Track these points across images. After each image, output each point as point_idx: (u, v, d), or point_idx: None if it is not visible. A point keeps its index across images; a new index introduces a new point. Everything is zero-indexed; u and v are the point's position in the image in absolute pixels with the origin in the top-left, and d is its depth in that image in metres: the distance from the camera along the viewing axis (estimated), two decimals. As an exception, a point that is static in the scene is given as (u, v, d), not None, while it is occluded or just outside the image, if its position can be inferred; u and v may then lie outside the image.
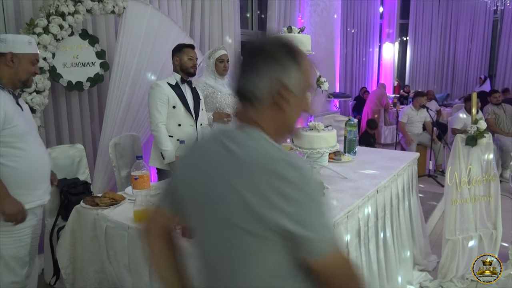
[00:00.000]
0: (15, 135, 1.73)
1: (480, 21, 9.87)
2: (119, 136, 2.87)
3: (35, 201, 1.85)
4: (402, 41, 10.91)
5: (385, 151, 3.19)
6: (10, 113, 1.72)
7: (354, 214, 1.84)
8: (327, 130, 2.22)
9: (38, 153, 1.85)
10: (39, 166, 1.85)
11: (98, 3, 2.78)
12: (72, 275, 1.90)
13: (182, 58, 2.61)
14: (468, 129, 2.62)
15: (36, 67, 1.88)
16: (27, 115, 1.89)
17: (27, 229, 1.85)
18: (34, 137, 1.88)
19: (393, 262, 2.26)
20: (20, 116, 1.78)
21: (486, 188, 2.71)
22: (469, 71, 10.12)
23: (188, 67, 2.63)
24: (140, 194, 1.68)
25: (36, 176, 1.84)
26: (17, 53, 1.78)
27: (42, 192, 1.89)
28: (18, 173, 1.76)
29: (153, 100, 2.54)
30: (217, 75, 3.00)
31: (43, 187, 1.89)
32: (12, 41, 1.77)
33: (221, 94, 3.00)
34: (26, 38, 1.85)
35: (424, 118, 5.53)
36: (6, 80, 1.78)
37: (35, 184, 1.84)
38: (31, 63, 1.83)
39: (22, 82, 1.83)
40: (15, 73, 1.79)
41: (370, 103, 7.52)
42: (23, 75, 1.81)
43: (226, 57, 2.97)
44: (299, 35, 2.18)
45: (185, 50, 2.62)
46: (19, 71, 1.79)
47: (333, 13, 6.81)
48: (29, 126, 1.85)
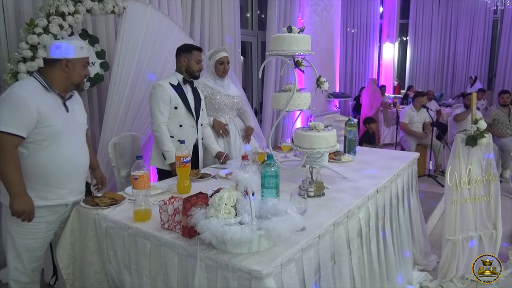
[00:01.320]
0: (47, 133, 1.80)
1: (480, 21, 9.86)
2: (118, 136, 2.87)
3: (56, 199, 1.88)
4: (402, 41, 10.91)
5: (385, 151, 3.19)
6: (46, 113, 1.78)
7: (354, 214, 1.84)
8: (327, 130, 2.22)
9: (69, 154, 1.88)
10: (66, 166, 1.88)
11: (98, 3, 2.78)
12: (72, 275, 1.90)
13: (190, 60, 2.60)
14: (468, 129, 2.63)
15: (87, 70, 1.97)
16: (72, 116, 1.93)
17: (41, 224, 1.88)
18: (72, 138, 1.92)
19: (393, 262, 2.26)
20: (59, 116, 1.84)
21: (486, 188, 2.71)
22: (469, 71, 10.11)
23: (195, 70, 2.62)
24: (140, 194, 1.68)
25: (60, 175, 1.87)
26: (71, 58, 1.86)
27: (67, 192, 1.91)
28: (40, 170, 1.82)
29: (155, 100, 2.53)
30: (216, 76, 3.00)
31: (69, 187, 1.92)
32: (66, 48, 1.87)
33: (220, 95, 3.00)
34: (79, 43, 1.93)
35: (424, 119, 5.53)
36: (58, 84, 1.87)
37: (58, 183, 1.87)
38: (83, 66, 1.92)
39: (75, 85, 1.92)
40: (69, 77, 1.88)
41: (365, 106, 7.53)
42: (77, 78, 1.91)
43: (226, 59, 2.97)
44: (299, 35, 2.17)
45: (195, 52, 2.60)
46: (73, 75, 1.89)
47: (333, 13, 6.81)
48: (69, 127, 1.89)
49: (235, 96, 3.11)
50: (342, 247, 1.70)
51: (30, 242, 1.89)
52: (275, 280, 1.23)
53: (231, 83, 3.16)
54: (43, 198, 1.84)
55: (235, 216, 1.34)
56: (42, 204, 1.84)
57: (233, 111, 3.14)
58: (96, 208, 1.79)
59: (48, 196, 1.86)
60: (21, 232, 1.86)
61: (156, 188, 2.10)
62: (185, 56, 2.60)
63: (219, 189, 1.40)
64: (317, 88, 2.40)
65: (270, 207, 1.44)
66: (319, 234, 1.52)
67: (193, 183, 2.14)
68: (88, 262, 1.81)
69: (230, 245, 1.29)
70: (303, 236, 1.45)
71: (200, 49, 2.67)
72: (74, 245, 1.88)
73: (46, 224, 1.90)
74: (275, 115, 5.27)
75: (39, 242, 1.92)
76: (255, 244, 1.29)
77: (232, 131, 3.09)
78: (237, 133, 3.13)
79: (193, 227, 1.36)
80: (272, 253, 1.32)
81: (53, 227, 1.95)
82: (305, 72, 2.33)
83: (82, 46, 1.92)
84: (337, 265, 1.66)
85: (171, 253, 1.46)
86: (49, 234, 1.95)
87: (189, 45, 2.68)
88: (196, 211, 1.36)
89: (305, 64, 2.30)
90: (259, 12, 5.54)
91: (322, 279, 1.54)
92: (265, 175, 1.70)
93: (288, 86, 2.37)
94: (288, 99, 2.22)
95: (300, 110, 2.31)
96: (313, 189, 1.92)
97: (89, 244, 1.80)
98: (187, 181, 2.04)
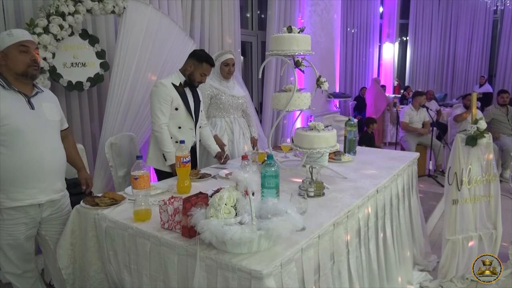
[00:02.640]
0: (6, 133, 1.75)
1: (480, 21, 9.87)
2: (115, 136, 2.87)
3: (25, 199, 1.84)
4: (402, 41, 10.91)
5: (385, 151, 3.19)
6: (3, 112, 1.73)
7: (354, 214, 1.84)
8: (327, 130, 2.22)
9: (35, 152, 1.83)
10: (32, 165, 1.83)
11: (98, 3, 2.78)
12: (72, 275, 1.90)
13: (197, 69, 2.57)
14: (468, 129, 2.62)
15: (31, 54, 1.83)
16: (39, 114, 1.88)
17: (18, 226, 1.87)
18: (39, 136, 1.85)
19: (393, 262, 2.26)
20: (20, 114, 1.79)
21: (486, 188, 2.71)
22: (469, 71, 10.12)
23: (196, 80, 2.60)
24: (140, 194, 1.68)
25: (26, 175, 1.82)
26: (2, 50, 1.79)
27: (37, 192, 1.86)
28: (6, 169, 1.78)
29: (157, 100, 2.51)
30: (221, 77, 3.04)
31: (39, 186, 1.87)
32: None
33: (225, 96, 3.05)
34: (6, 32, 1.84)
35: (424, 118, 5.53)
36: (11, 79, 1.81)
37: (25, 183, 1.83)
38: (19, 52, 1.81)
39: (21, 74, 1.82)
40: (10, 68, 1.80)
41: (370, 107, 7.52)
42: (19, 66, 1.80)
43: (231, 61, 3.02)
44: (299, 35, 2.17)
45: (204, 65, 2.56)
46: (12, 64, 1.79)
47: (333, 13, 6.81)
48: (34, 124, 1.84)
49: (239, 97, 3.16)
50: (342, 247, 1.70)
51: (11, 241, 1.88)
52: (275, 280, 1.23)
53: (236, 84, 3.22)
54: (12, 198, 1.81)
55: (235, 216, 1.34)
56: (12, 205, 1.81)
57: (237, 111, 3.19)
58: (96, 208, 1.79)
59: (17, 197, 1.82)
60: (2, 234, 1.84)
61: (156, 188, 2.10)
62: (194, 63, 2.57)
63: (219, 189, 1.40)
64: (317, 88, 2.40)
65: (270, 207, 1.43)
66: (319, 234, 1.52)
67: (193, 183, 2.14)
68: (88, 262, 1.81)
69: (230, 245, 1.29)
70: (303, 236, 1.45)
71: (212, 64, 2.61)
72: (74, 245, 1.87)
73: (23, 225, 1.88)
74: (275, 115, 5.27)
75: (20, 241, 1.90)
76: (255, 244, 1.29)
77: (236, 130, 3.15)
78: (241, 133, 3.17)
79: (193, 227, 1.36)
80: (272, 253, 1.31)
81: (32, 226, 1.92)
82: (305, 72, 2.33)
83: (10, 33, 1.81)
84: (336, 265, 1.66)
85: (171, 253, 1.46)
86: (29, 232, 1.92)
87: (203, 55, 2.60)
88: (196, 211, 1.36)
89: (305, 64, 2.30)
90: (259, 12, 5.54)
91: (321, 279, 1.54)
92: (265, 175, 1.70)
93: (288, 86, 2.37)
94: (288, 99, 2.22)
95: (300, 110, 2.31)
96: (313, 189, 1.92)
97: (89, 244, 1.80)
98: (187, 181, 2.04)
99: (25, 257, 1.96)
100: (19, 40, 1.81)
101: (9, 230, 1.86)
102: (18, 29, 1.94)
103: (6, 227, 1.85)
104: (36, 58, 1.87)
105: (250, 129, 3.35)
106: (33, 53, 1.85)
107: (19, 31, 1.87)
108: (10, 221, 1.84)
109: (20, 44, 1.81)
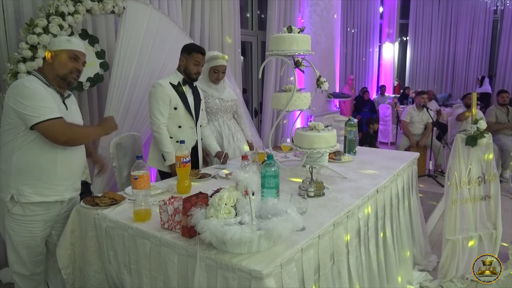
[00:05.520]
0: None
1: (480, 21, 9.87)
2: (120, 136, 2.86)
3: (52, 195, 1.88)
4: (402, 41, 10.91)
5: (385, 151, 3.19)
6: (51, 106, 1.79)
7: (354, 214, 1.84)
8: (327, 130, 2.22)
9: (67, 150, 1.90)
10: (64, 162, 1.89)
11: (98, 3, 2.78)
12: (72, 275, 1.90)
13: (188, 61, 2.55)
14: (468, 129, 2.62)
15: (78, 64, 1.93)
16: (71, 115, 1.95)
17: (38, 223, 1.89)
18: None
19: (393, 262, 2.26)
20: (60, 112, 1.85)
21: (486, 188, 2.71)
22: (469, 71, 10.12)
23: (192, 72, 2.57)
24: (140, 194, 1.68)
25: (59, 172, 1.88)
26: (55, 49, 1.88)
27: (63, 189, 1.92)
28: (39, 165, 1.83)
29: (155, 100, 2.51)
30: (209, 81, 2.97)
31: (66, 184, 1.93)
32: (52, 42, 1.92)
33: (212, 99, 2.96)
34: (67, 37, 1.96)
35: (426, 120, 5.53)
36: (50, 78, 1.88)
37: (56, 179, 1.88)
38: (69, 58, 1.90)
39: (61, 77, 1.89)
40: (54, 68, 1.88)
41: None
42: (62, 70, 1.88)
43: (221, 68, 2.90)
44: (299, 35, 2.17)
45: (194, 54, 2.54)
46: (57, 66, 1.87)
47: (333, 13, 6.81)
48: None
49: (228, 100, 3.05)
50: (341, 247, 1.70)
51: (27, 239, 1.90)
52: (275, 280, 1.23)
53: (226, 87, 3.10)
54: (39, 194, 1.85)
55: (235, 216, 1.34)
56: (38, 200, 1.85)
57: (227, 113, 3.09)
58: (96, 208, 1.79)
59: (44, 192, 1.86)
60: (18, 231, 1.88)
61: (156, 188, 2.10)
62: (184, 56, 2.57)
63: (219, 189, 1.40)
64: (317, 88, 2.40)
65: (270, 207, 1.43)
66: (319, 234, 1.52)
67: (193, 183, 2.14)
68: (88, 262, 1.81)
69: (230, 245, 1.29)
70: (303, 236, 1.45)
71: (201, 51, 2.58)
72: (74, 245, 1.88)
73: (42, 223, 1.91)
74: (275, 115, 5.27)
75: (36, 240, 1.93)
76: (255, 244, 1.29)
77: (225, 134, 3.06)
78: (231, 136, 3.10)
79: (193, 227, 1.36)
80: (272, 253, 1.31)
81: (49, 225, 1.95)
82: (305, 72, 2.33)
83: (69, 40, 1.92)
84: (336, 265, 1.66)
85: (171, 253, 1.46)
86: (46, 231, 1.96)
87: (191, 46, 2.61)
88: (196, 211, 1.36)
89: (305, 64, 2.30)
90: (259, 12, 5.54)
91: (321, 279, 1.54)
92: (265, 175, 1.70)
93: (288, 86, 2.37)
94: (288, 99, 2.22)
95: (300, 110, 2.31)
96: (313, 189, 1.92)
97: (89, 244, 1.80)
98: (187, 181, 2.04)
99: (36, 258, 1.97)
100: (73, 48, 1.92)
101: (28, 227, 1.88)
102: (77, 39, 2.09)
103: (26, 223, 1.87)
104: (81, 69, 1.97)
105: (243, 132, 3.24)
106: (80, 64, 1.96)
107: (78, 41, 2.00)
108: (31, 217, 1.87)
109: (73, 52, 1.91)
